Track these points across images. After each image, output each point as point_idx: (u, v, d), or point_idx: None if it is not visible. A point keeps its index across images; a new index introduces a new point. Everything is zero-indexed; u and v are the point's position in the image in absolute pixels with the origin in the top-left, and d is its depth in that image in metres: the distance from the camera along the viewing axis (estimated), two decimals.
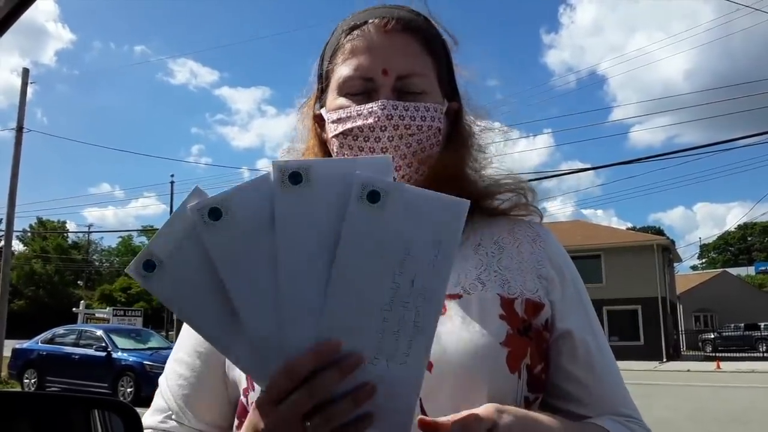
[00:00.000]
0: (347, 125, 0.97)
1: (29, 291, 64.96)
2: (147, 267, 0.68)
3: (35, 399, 2.35)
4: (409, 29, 0.99)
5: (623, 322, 30.36)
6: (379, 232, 0.67)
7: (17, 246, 66.34)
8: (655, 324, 30.46)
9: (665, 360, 29.44)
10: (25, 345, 16.55)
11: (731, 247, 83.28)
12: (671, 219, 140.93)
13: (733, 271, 59.37)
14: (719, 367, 22.14)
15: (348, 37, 1.00)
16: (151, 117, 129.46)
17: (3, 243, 18.64)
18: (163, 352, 15.15)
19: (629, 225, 72.98)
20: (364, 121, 0.95)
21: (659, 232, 65.67)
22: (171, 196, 35.81)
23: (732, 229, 78.55)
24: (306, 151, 1.08)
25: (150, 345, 15.79)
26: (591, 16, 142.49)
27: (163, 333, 29.51)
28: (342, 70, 0.99)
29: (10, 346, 17.12)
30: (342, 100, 0.99)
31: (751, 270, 66.05)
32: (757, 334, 36.18)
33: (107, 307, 33.64)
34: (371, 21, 0.99)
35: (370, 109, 0.95)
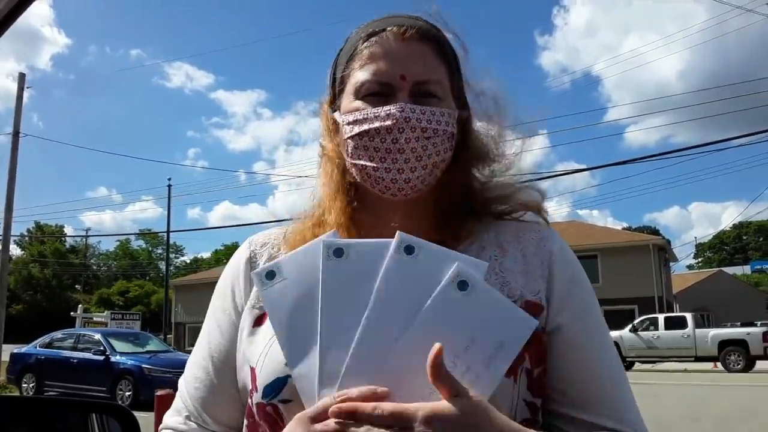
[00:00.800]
0: (364, 127, 0.98)
1: (27, 295, 64.78)
2: (269, 276, 0.82)
3: (34, 403, 2.37)
4: (426, 38, 1.02)
5: (620, 322, 30.38)
6: (457, 315, 0.77)
7: (15, 250, 66.21)
8: None
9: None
10: (24, 349, 16.50)
11: (727, 247, 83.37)
12: (667, 219, 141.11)
13: (729, 270, 59.28)
14: (716, 366, 22.15)
15: (366, 44, 1.02)
16: (147, 121, 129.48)
17: (0, 248, 18.58)
18: (162, 355, 15.13)
19: (625, 225, 72.79)
20: (381, 123, 0.97)
21: (655, 231, 65.61)
22: (168, 199, 35.41)
23: (727, 229, 78.63)
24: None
25: (148, 348, 15.74)
26: (584, 17, 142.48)
27: (161, 336, 29.44)
28: (359, 74, 1.01)
29: (8, 350, 17.03)
30: (358, 103, 1.00)
31: (747, 269, 66.00)
32: None
33: (105, 311, 33.49)
34: (389, 29, 1.01)
35: (387, 112, 0.97)
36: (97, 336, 15.61)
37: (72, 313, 27.97)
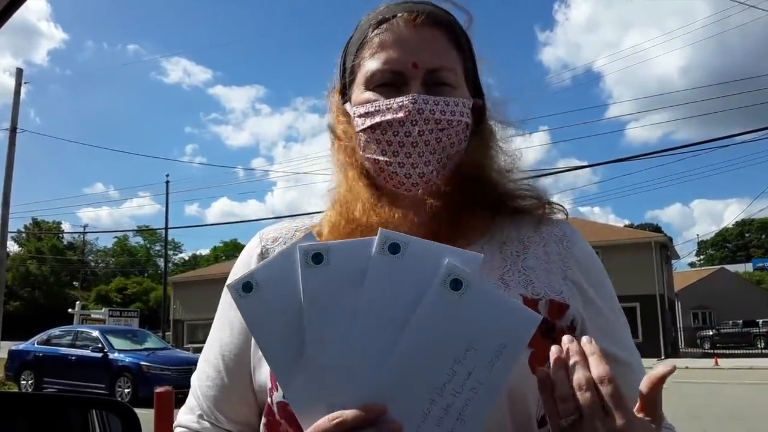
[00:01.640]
0: (376, 119, 0.96)
1: (25, 292, 64.93)
2: (246, 288, 0.74)
3: (34, 400, 2.35)
4: (438, 24, 0.99)
5: None
6: (453, 318, 0.71)
7: (12, 247, 66.27)
8: (654, 321, 30.55)
9: (663, 357, 29.50)
10: (21, 346, 16.56)
11: (729, 244, 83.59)
12: (668, 216, 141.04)
13: (731, 268, 59.48)
14: (717, 364, 22.23)
15: (376, 31, 0.99)
16: (145, 116, 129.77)
17: None
18: (160, 352, 15.17)
19: (627, 222, 73.03)
20: (394, 115, 0.94)
21: (657, 229, 65.73)
22: (167, 195, 35.43)
23: (729, 226, 78.74)
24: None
25: (146, 345, 15.78)
26: (585, 13, 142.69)
27: (160, 333, 29.47)
28: (370, 64, 0.98)
29: (6, 347, 17.10)
30: (369, 94, 0.98)
31: (749, 266, 66.22)
32: (755, 330, 36.23)
33: (103, 308, 33.58)
34: (400, 15, 0.98)
35: (400, 103, 0.94)
36: (96, 333, 15.65)
37: (70, 310, 27.93)
